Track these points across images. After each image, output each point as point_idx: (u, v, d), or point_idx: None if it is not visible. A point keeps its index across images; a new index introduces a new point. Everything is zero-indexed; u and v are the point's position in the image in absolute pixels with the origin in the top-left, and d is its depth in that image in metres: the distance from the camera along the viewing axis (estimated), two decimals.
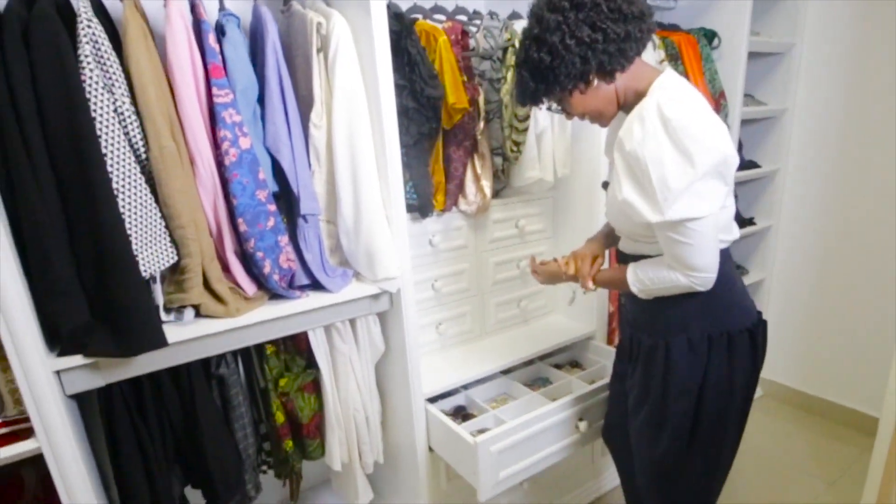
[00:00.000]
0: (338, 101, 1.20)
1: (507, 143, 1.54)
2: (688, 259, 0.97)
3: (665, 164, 0.90)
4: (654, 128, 0.92)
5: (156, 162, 1.00)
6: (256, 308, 1.16)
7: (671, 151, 0.90)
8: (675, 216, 0.92)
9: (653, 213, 0.94)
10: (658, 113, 0.92)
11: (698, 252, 0.97)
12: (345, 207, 1.26)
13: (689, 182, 0.90)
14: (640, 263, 1.08)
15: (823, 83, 2.19)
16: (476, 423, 1.46)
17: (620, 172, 0.98)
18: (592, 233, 1.73)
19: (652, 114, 0.92)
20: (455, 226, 1.63)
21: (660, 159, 0.91)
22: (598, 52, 0.95)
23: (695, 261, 0.97)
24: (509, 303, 1.83)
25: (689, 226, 0.94)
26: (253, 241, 1.11)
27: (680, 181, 0.90)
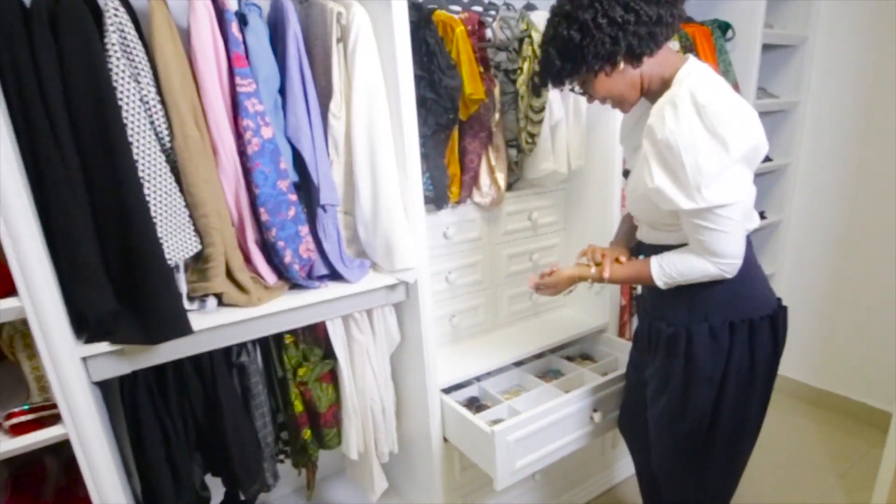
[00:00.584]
0: (357, 92, 1.20)
1: (523, 135, 1.55)
2: (717, 246, 0.97)
3: (699, 150, 0.90)
4: (688, 114, 0.90)
5: (180, 151, 1.00)
6: (277, 297, 1.17)
7: (706, 137, 0.90)
8: (708, 203, 0.92)
9: (686, 201, 0.93)
10: (692, 99, 0.91)
11: (728, 239, 0.96)
12: (363, 198, 1.27)
13: (722, 168, 0.91)
14: (663, 256, 1.07)
15: (836, 77, 2.18)
16: (491, 414, 1.47)
17: (651, 160, 0.97)
18: (605, 225, 1.75)
19: (685, 100, 0.91)
20: (469, 218, 1.63)
21: (694, 145, 0.90)
22: (628, 34, 0.94)
23: (725, 248, 0.97)
24: (521, 295, 1.84)
25: (719, 212, 0.94)
26: (274, 230, 1.12)
27: (714, 167, 0.90)
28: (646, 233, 1.17)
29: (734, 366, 1.07)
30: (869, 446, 2.10)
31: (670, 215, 1.02)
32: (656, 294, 1.14)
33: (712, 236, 0.96)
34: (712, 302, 1.06)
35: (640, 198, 1.06)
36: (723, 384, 1.08)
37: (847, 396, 2.33)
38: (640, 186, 1.02)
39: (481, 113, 1.50)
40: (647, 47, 0.97)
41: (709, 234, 0.97)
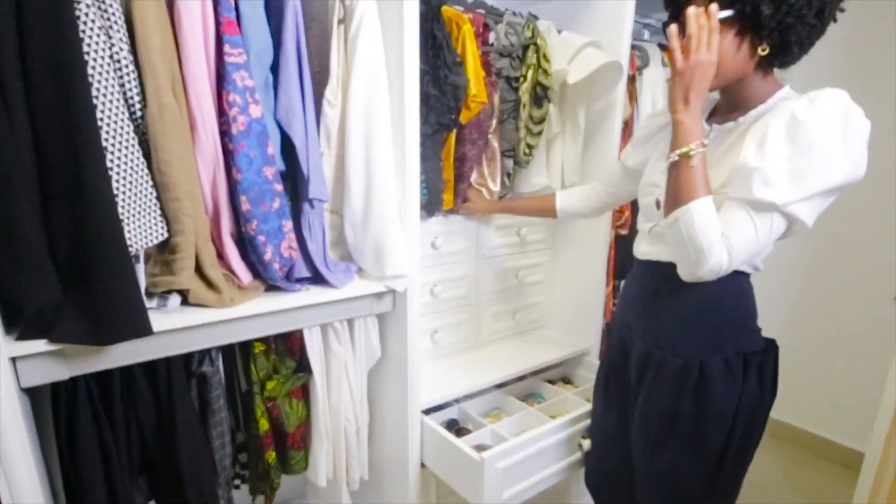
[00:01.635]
0: (357, 79, 1.10)
1: (521, 145, 1.48)
2: (736, 238, 0.85)
3: (831, 157, 0.81)
4: (837, 117, 0.82)
5: (153, 121, 0.86)
6: (252, 299, 1.03)
7: (842, 147, 0.81)
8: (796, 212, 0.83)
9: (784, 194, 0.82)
10: (846, 106, 0.82)
11: (749, 241, 0.86)
12: (354, 196, 1.15)
13: (837, 185, 0.83)
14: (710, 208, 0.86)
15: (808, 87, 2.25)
16: (473, 439, 1.36)
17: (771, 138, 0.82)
18: (594, 247, 1.70)
19: (840, 104, 0.82)
20: (458, 228, 1.54)
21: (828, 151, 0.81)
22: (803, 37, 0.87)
23: (740, 244, 0.86)
24: (505, 314, 1.75)
25: (772, 217, 0.84)
26: (255, 222, 0.98)
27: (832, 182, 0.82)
28: (659, 246, 1.04)
29: (746, 400, 0.99)
30: (831, 481, 2.12)
31: None
32: (661, 319, 1.04)
33: (743, 229, 0.85)
34: (726, 331, 0.99)
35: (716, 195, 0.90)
36: (735, 419, 0.99)
37: (808, 430, 2.36)
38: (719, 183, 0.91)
39: (480, 119, 1.42)
40: (791, 60, 0.91)
41: (741, 225, 0.85)
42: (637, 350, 1.08)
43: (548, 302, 1.87)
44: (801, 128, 0.81)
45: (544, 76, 1.44)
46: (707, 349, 0.99)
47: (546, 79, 1.44)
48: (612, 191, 1.33)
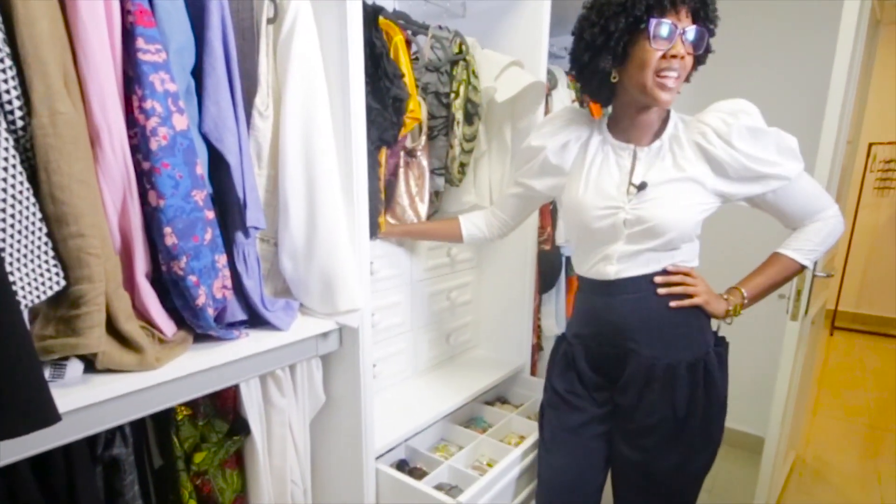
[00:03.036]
0: (293, 85, 0.96)
1: (455, 164, 1.43)
2: (824, 197, 1.07)
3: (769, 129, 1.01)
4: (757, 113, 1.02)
5: (43, 134, 0.65)
6: (180, 355, 0.82)
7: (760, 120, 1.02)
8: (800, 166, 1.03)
9: (798, 164, 1.02)
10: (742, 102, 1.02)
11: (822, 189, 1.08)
12: (294, 221, 1.00)
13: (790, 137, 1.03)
14: (790, 244, 1.11)
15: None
16: (432, 479, 1.25)
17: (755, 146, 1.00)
18: (521, 263, 1.71)
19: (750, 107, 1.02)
20: (392, 251, 1.44)
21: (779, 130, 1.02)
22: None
23: (828, 197, 1.08)
24: (439, 338, 1.68)
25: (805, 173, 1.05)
26: (184, 259, 0.79)
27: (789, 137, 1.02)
28: (627, 262, 1.06)
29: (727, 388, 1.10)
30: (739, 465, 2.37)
31: (696, 228, 1.06)
32: (648, 330, 1.05)
33: (818, 190, 1.07)
34: (708, 325, 1.09)
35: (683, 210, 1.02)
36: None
37: None
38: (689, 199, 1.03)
39: (405, 136, 1.36)
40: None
41: (815, 188, 1.07)
42: (634, 364, 1.07)
43: (477, 321, 1.84)
44: (767, 136, 1.01)
45: (474, 93, 1.42)
46: (701, 345, 1.07)
47: (476, 96, 1.42)
48: (513, 216, 1.33)
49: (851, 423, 2.82)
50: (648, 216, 1.03)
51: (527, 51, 1.56)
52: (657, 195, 1.03)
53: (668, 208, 1.02)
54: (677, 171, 1.03)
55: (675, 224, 1.02)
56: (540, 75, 1.56)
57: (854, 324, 4.32)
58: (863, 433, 2.72)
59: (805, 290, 1.61)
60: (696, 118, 1.05)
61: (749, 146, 0.99)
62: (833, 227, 1.08)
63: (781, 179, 1.02)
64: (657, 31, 0.93)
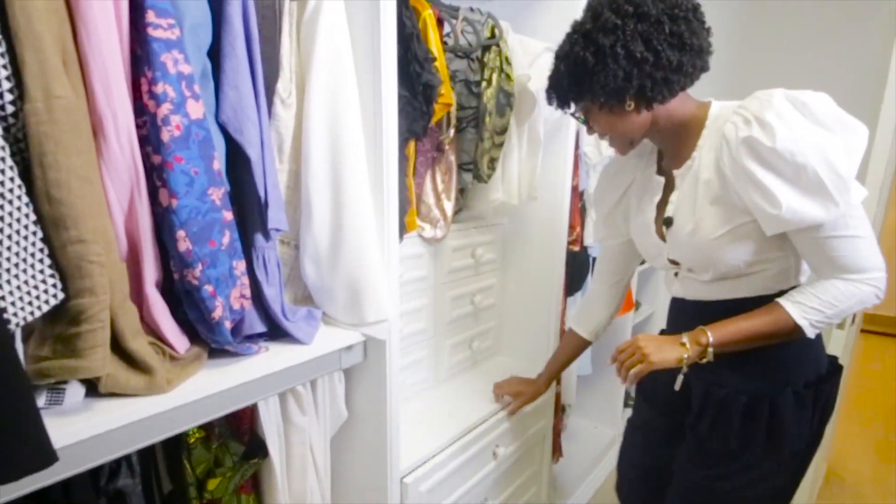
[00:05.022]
0: (317, 71, 0.86)
1: (485, 159, 1.33)
2: (862, 256, 0.82)
3: (824, 149, 0.78)
4: (794, 116, 0.79)
5: (38, 121, 0.55)
6: (194, 374, 0.73)
7: (824, 134, 0.78)
8: (850, 203, 0.79)
9: (822, 210, 0.79)
10: (790, 101, 0.80)
11: (869, 244, 0.83)
12: (318, 223, 0.90)
13: (856, 164, 0.79)
14: (793, 295, 0.87)
15: None
16: None
17: (763, 179, 0.81)
18: (549, 265, 1.60)
19: (783, 103, 0.80)
20: (416, 253, 1.34)
21: (813, 145, 0.78)
22: (643, 74, 0.86)
23: (870, 256, 0.83)
24: (462, 344, 1.58)
25: (856, 214, 0.82)
26: (200, 267, 0.69)
27: (849, 163, 0.79)
28: (694, 288, 0.98)
29: (816, 431, 0.94)
30: None
31: (754, 252, 0.88)
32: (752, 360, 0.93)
33: (854, 245, 0.82)
34: (792, 359, 0.93)
35: (716, 242, 0.90)
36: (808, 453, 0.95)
37: None
38: (721, 228, 0.89)
39: (432, 127, 1.25)
40: (658, 94, 0.88)
41: (849, 244, 0.82)
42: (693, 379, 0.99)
43: (501, 326, 1.74)
44: (776, 156, 0.79)
45: (507, 82, 1.31)
46: (779, 381, 0.93)
47: (509, 85, 1.31)
48: (620, 275, 1.28)
49: (868, 428, 2.72)
50: (680, 258, 0.98)
51: (561, 36, 1.45)
52: (688, 232, 0.93)
53: (696, 247, 0.93)
54: (704, 193, 0.91)
55: (708, 261, 0.92)
56: None
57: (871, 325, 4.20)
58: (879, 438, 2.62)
59: None
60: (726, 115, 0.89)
61: (755, 168, 0.82)
62: (861, 296, 0.83)
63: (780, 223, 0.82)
64: None
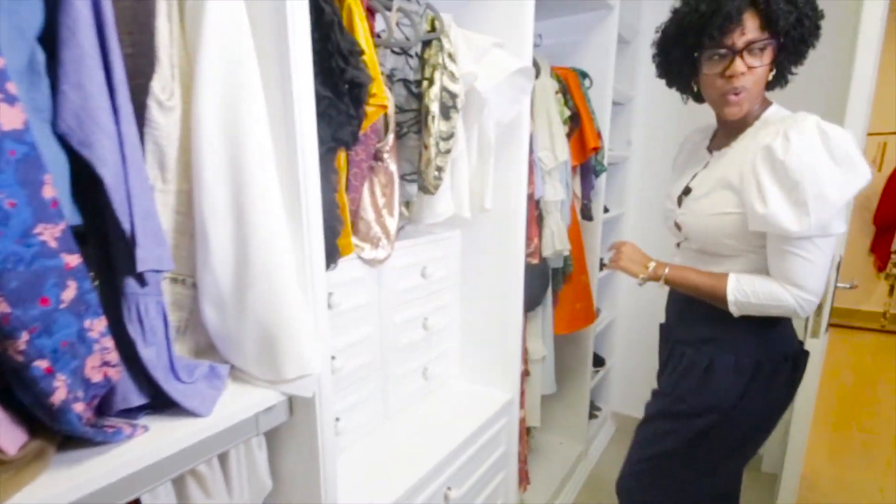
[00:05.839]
0: (208, 65, 0.67)
1: (431, 168, 1.17)
2: (804, 277, 0.96)
3: (822, 176, 0.90)
4: (814, 140, 0.91)
5: None
6: (31, 481, 0.53)
7: (829, 165, 0.90)
8: (817, 230, 0.92)
9: (796, 224, 0.92)
10: (817, 127, 0.92)
11: (816, 271, 0.96)
12: (217, 254, 0.71)
13: (839, 198, 0.90)
14: (743, 275, 1.04)
15: (656, 133, 2.39)
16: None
17: (766, 182, 0.95)
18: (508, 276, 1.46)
19: (811, 127, 0.92)
20: (355, 277, 1.16)
21: (817, 170, 0.90)
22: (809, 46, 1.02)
23: (810, 280, 0.97)
24: (414, 372, 1.41)
25: (818, 242, 0.95)
26: (26, 336, 0.49)
27: (834, 195, 0.90)
28: (693, 260, 1.17)
29: (748, 403, 1.06)
30: None
31: (738, 240, 1.03)
32: (687, 321, 1.18)
33: (803, 266, 0.96)
34: (743, 335, 1.08)
35: (711, 218, 1.07)
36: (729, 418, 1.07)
37: None
38: (729, 211, 1.03)
39: (367, 133, 1.08)
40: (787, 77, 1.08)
41: (800, 262, 0.96)
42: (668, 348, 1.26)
43: (457, 349, 1.59)
44: (783, 168, 0.92)
45: (451, 81, 1.16)
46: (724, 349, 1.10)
47: (453, 84, 1.16)
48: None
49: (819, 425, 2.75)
50: (682, 222, 1.15)
51: (509, 31, 1.32)
52: (695, 202, 1.12)
53: (695, 217, 1.11)
54: (721, 176, 1.06)
55: (700, 234, 1.11)
56: (525, 59, 1.32)
57: None
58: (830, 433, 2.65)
59: (827, 304, 1.44)
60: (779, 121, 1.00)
61: (762, 171, 0.95)
62: (786, 305, 0.99)
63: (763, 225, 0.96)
64: (709, 60, 1.02)
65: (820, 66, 1.94)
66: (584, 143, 1.79)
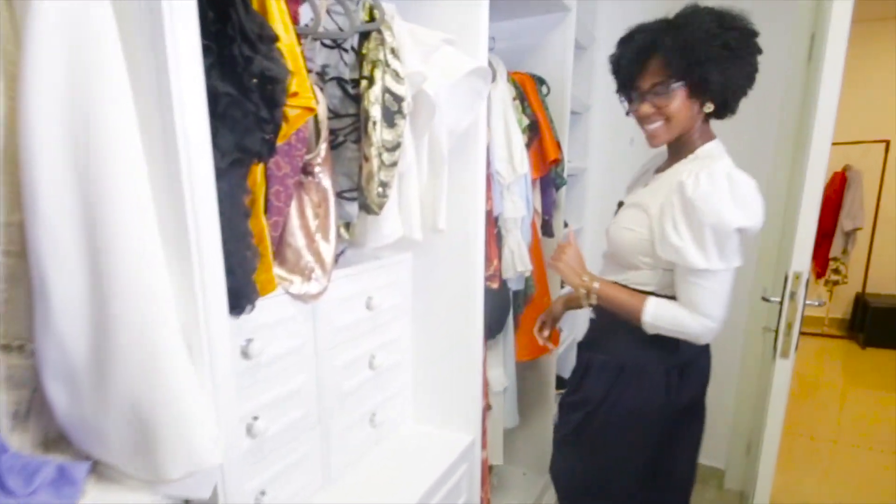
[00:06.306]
0: (43, 44, 0.47)
1: (374, 183, 0.99)
2: (707, 305, 1.06)
3: (724, 217, 0.99)
4: (722, 185, 1.00)
5: None
6: None
7: (731, 207, 0.99)
8: (719, 266, 1.02)
9: (701, 260, 1.02)
10: (727, 174, 1.01)
11: (717, 300, 1.06)
12: (63, 310, 0.50)
13: (738, 238, 1.03)
14: (662, 301, 1.12)
15: (615, 144, 2.31)
16: None
17: (678, 216, 1.04)
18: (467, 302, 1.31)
19: (721, 173, 1.01)
20: (283, 317, 0.96)
21: (720, 212, 0.99)
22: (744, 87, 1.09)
23: (713, 308, 1.06)
24: (361, 421, 1.21)
25: (719, 275, 1.04)
26: None
27: (732, 235, 1.01)
28: (610, 271, 1.25)
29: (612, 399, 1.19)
30: None
31: (649, 258, 1.12)
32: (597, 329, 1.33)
33: (706, 295, 1.05)
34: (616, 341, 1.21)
35: (626, 237, 1.16)
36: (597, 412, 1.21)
37: None
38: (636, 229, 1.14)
39: (292, 142, 0.89)
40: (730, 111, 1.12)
41: (703, 292, 1.05)
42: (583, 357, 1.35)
43: (410, 388, 1.40)
44: (692, 205, 1.01)
45: (396, 81, 0.98)
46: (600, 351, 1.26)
47: (398, 85, 0.99)
48: None
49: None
50: (608, 232, 1.25)
51: (460, 27, 1.16)
52: (619, 215, 1.23)
53: (613, 228, 1.22)
54: (646, 198, 1.15)
55: (613, 244, 1.21)
56: (480, 59, 1.16)
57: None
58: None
59: (797, 323, 1.36)
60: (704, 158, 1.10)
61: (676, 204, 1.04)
62: (690, 333, 1.09)
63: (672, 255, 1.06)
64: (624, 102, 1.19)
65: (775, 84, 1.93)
66: (543, 155, 1.66)
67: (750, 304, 2.11)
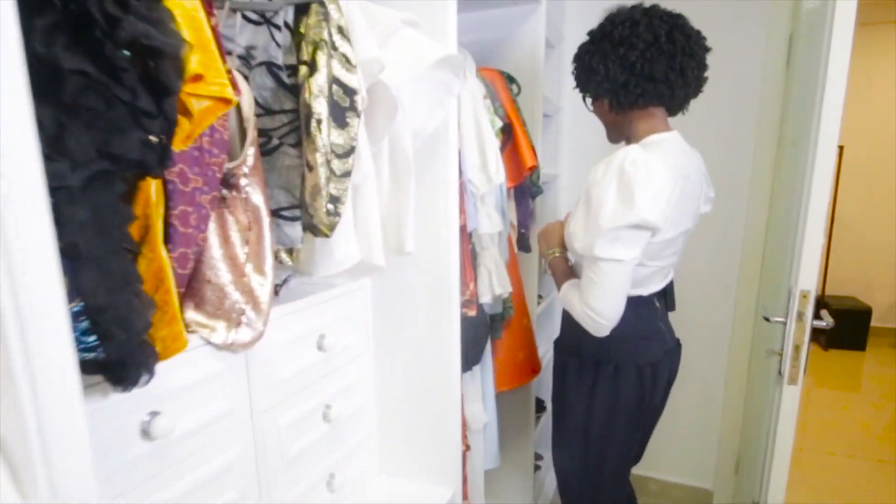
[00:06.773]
0: None
1: (321, 198, 0.77)
2: (590, 297, 1.07)
3: (606, 204, 1.01)
4: (612, 173, 1.02)
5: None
6: None
7: (614, 197, 1.00)
8: (596, 253, 1.03)
9: (582, 245, 1.06)
10: (620, 163, 1.01)
11: (601, 293, 1.05)
12: None
13: (616, 227, 1.00)
14: (575, 284, 1.15)
15: (588, 147, 2.17)
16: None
17: (579, 202, 1.11)
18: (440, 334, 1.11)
19: (616, 162, 1.02)
20: (206, 374, 0.73)
21: (602, 199, 1.02)
22: (604, 83, 1.13)
23: (596, 301, 1.06)
24: (315, 487, 0.99)
25: (602, 266, 1.04)
26: None
27: (608, 223, 1.00)
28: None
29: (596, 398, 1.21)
30: None
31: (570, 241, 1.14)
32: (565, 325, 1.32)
33: (590, 286, 1.06)
34: (588, 341, 1.14)
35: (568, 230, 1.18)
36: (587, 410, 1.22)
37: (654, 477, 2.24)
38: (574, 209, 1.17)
39: (202, 145, 0.67)
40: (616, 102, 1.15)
41: (588, 282, 1.07)
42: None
43: (375, 437, 1.18)
44: (586, 194, 1.07)
45: (346, 69, 0.78)
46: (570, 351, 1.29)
47: (349, 74, 0.78)
48: None
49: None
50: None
51: (424, 7, 0.97)
52: None
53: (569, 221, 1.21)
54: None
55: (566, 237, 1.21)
56: (449, 46, 0.97)
57: None
58: None
59: (804, 345, 1.22)
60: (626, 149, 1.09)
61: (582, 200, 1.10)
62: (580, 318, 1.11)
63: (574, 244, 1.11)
64: None
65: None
66: (519, 161, 1.48)
67: (734, 322, 2.01)
